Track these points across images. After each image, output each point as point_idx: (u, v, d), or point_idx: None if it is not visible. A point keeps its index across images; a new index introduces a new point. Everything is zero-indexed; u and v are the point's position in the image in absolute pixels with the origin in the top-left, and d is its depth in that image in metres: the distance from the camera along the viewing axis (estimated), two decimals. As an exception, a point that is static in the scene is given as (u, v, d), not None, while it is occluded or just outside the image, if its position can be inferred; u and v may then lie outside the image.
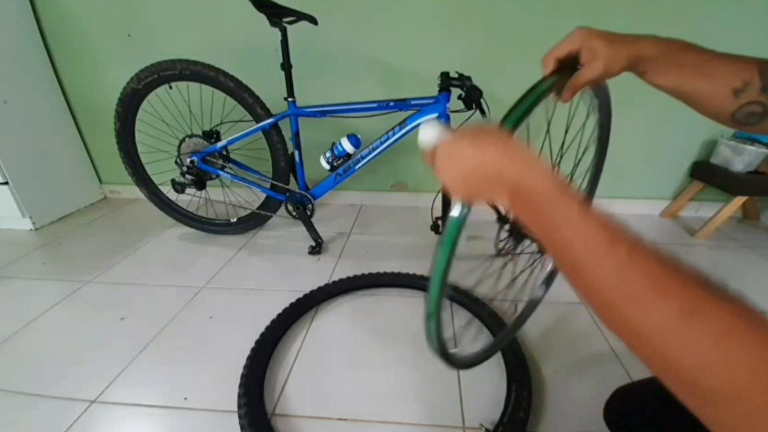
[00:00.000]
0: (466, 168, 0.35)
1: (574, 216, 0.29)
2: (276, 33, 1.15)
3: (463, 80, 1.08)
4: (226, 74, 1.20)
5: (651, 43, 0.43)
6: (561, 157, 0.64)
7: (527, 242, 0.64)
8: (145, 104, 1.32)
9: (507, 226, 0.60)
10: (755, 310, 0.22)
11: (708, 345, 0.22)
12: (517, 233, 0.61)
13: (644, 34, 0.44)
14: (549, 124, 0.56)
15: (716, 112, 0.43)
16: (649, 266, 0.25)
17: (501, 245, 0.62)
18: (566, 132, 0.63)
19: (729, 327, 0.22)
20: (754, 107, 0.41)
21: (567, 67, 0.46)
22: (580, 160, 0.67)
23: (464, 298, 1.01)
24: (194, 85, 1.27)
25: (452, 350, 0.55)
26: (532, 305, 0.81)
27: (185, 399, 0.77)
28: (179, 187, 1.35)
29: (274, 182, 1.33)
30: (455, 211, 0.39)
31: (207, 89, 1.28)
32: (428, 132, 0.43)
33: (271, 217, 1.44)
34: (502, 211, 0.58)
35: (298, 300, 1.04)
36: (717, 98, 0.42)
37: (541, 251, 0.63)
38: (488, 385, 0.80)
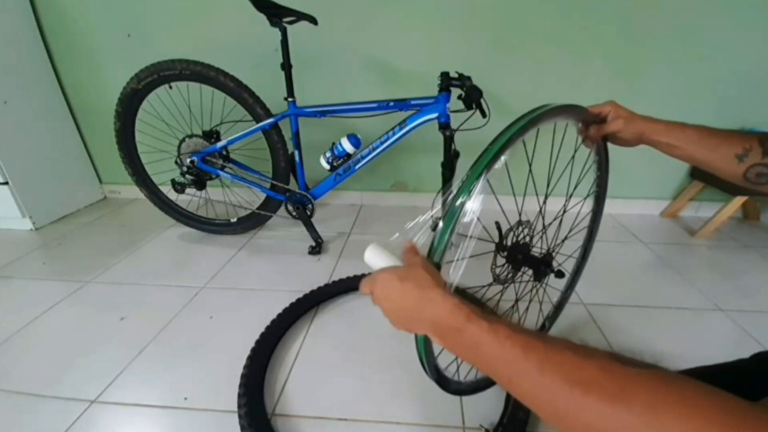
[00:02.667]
0: (395, 301, 0.40)
1: (486, 334, 0.33)
2: (276, 33, 1.15)
3: (463, 80, 1.08)
4: (226, 74, 1.20)
5: (657, 123, 0.56)
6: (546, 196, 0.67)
7: (525, 269, 0.64)
8: (145, 104, 1.32)
9: (504, 253, 0.61)
10: (675, 379, 0.24)
11: (641, 424, 0.23)
12: (515, 260, 0.61)
13: (655, 118, 0.57)
14: (530, 164, 0.59)
15: (728, 174, 0.52)
16: (563, 364, 0.28)
17: (498, 272, 0.63)
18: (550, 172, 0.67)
19: (656, 401, 0.23)
20: (761, 168, 0.48)
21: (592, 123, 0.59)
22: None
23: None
24: (194, 85, 1.27)
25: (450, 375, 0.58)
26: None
27: (185, 399, 0.77)
28: (179, 187, 1.35)
29: (274, 182, 1.33)
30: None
31: (207, 89, 1.28)
32: (371, 257, 0.47)
33: (271, 217, 1.44)
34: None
35: (298, 300, 1.04)
36: (723, 163, 0.51)
37: (539, 279, 0.65)
38: (488, 385, 0.80)
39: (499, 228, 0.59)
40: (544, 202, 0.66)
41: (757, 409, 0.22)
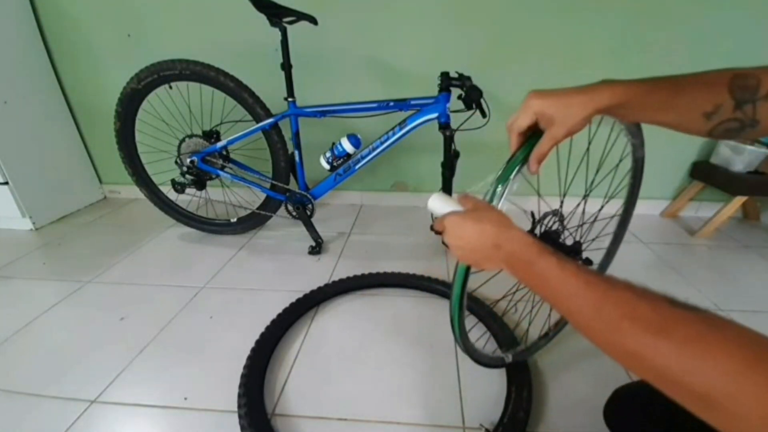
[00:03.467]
0: (471, 241, 0.44)
1: (555, 270, 0.36)
2: (276, 33, 1.15)
3: (463, 80, 1.08)
4: (226, 74, 1.20)
5: (608, 94, 0.43)
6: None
7: None
8: (145, 104, 1.32)
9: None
10: (723, 322, 0.26)
11: (679, 355, 0.25)
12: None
13: (604, 82, 0.44)
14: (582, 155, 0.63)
15: (694, 132, 0.44)
16: (619, 300, 0.31)
17: None
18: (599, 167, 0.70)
19: (697, 336, 0.25)
20: (730, 124, 0.41)
21: (534, 135, 0.48)
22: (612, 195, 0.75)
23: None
24: (194, 85, 1.27)
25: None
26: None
27: (185, 399, 0.77)
28: (179, 187, 1.35)
29: (274, 182, 1.33)
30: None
31: (207, 89, 1.27)
32: (437, 204, 0.51)
33: (271, 217, 1.44)
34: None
35: (298, 300, 1.04)
36: (690, 124, 0.43)
37: None
38: (488, 385, 0.80)
39: (533, 216, 0.61)
40: (585, 199, 0.71)
41: None
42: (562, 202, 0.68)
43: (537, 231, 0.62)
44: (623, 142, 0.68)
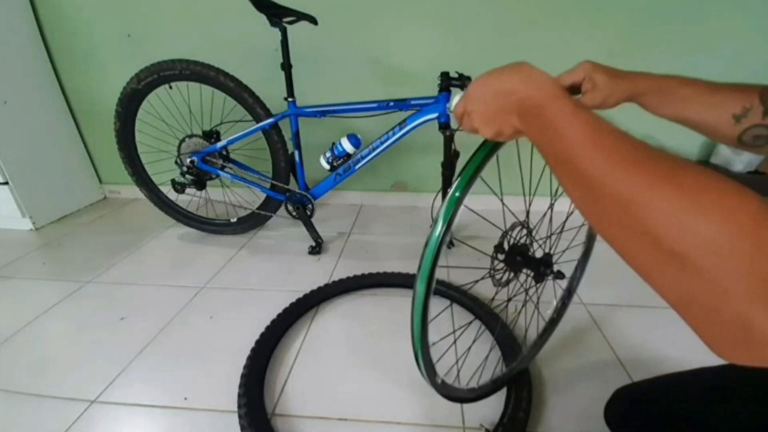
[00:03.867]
0: (490, 91, 0.39)
1: (569, 111, 0.31)
2: (276, 33, 1.15)
3: (463, 80, 1.09)
4: (226, 74, 1.20)
5: (648, 80, 0.47)
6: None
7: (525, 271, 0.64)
8: (145, 104, 1.32)
9: (502, 256, 0.61)
10: (725, 179, 0.23)
11: (680, 203, 0.22)
12: (513, 262, 0.61)
13: (644, 72, 0.48)
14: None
15: (722, 136, 0.46)
16: (628, 148, 0.27)
17: (498, 276, 0.63)
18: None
19: (708, 187, 0.22)
20: (759, 130, 0.42)
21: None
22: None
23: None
24: (194, 85, 1.27)
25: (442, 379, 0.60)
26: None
27: (185, 399, 0.77)
28: (179, 187, 1.35)
29: (274, 182, 1.33)
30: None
31: (207, 89, 1.28)
32: (457, 96, 0.46)
33: (271, 217, 1.44)
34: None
35: (298, 300, 1.04)
36: (719, 125, 0.45)
37: (539, 280, 0.64)
38: (488, 385, 0.80)
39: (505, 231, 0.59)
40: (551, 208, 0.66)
41: None
42: (528, 212, 0.65)
43: (505, 243, 0.61)
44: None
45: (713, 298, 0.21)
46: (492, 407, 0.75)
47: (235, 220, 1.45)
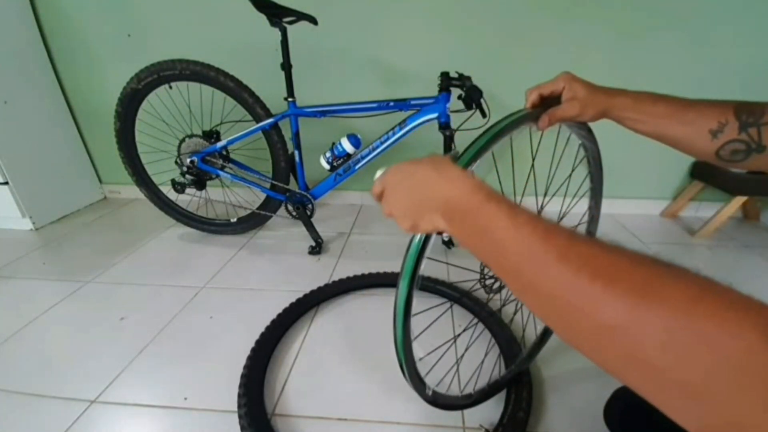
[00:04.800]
0: (405, 190, 0.37)
1: (504, 218, 0.28)
2: (276, 33, 1.15)
3: (463, 80, 1.09)
4: (226, 74, 1.20)
5: (624, 96, 0.49)
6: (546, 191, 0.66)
7: None
8: (145, 104, 1.32)
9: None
10: (717, 284, 0.21)
11: (674, 323, 0.19)
12: None
13: (620, 88, 0.50)
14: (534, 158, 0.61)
15: (699, 152, 0.46)
16: (587, 255, 0.24)
17: (488, 283, 0.62)
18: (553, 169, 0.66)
19: (694, 299, 0.20)
20: (737, 145, 0.43)
21: (548, 104, 0.51)
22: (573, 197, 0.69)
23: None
24: (194, 85, 1.27)
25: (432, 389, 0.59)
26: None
27: (185, 399, 0.77)
28: (179, 187, 1.35)
29: (274, 182, 1.33)
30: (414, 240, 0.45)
31: (207, 89, 1.28)
32: (380, 170, 0.45)
33: (271, 217, 1.44)
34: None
35: (298, 300, 1.04)
36: (696, 141, 0.45)
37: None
38: (488, 385, 0.79)
39: None
40: (542, 206, 0.66)
41: None
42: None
43: None
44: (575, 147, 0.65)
45: (733, 428, 0.18)
46: (492, 407, 0.75)
47: (235, 220, 1.45)
